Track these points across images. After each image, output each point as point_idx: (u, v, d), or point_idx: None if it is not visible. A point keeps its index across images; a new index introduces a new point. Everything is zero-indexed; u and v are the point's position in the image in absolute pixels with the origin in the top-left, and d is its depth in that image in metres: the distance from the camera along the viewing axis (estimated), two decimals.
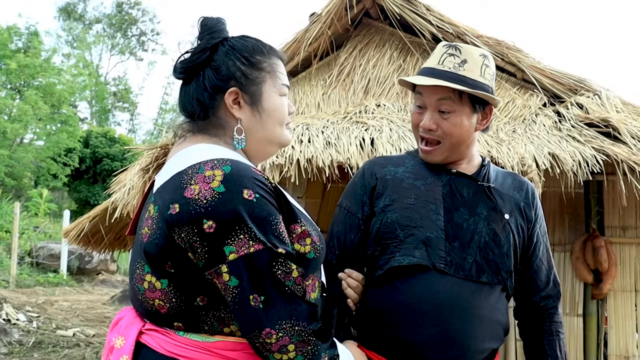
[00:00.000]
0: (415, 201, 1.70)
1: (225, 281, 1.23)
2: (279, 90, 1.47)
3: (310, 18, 5.03)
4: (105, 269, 13.57)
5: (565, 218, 4.63)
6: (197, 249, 1.23)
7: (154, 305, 1.30)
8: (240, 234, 1.22)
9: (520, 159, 3.80)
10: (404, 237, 1.66)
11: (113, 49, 31.79)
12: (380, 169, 1.81)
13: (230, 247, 1.22)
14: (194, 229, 1.22)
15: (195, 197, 1.23)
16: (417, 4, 4.87)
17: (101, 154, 18.47)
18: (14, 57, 17.01)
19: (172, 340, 1.28)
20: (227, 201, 1.22)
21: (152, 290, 1.29)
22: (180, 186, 1.26)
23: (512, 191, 1.80)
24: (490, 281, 1.66)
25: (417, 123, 1.76)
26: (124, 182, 4.77)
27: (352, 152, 3.78)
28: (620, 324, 4.47)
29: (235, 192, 1.24)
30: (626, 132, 4.01)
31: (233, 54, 1.42)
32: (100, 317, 9.10)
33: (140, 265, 1.31)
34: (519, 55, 4.78)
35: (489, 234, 1.69)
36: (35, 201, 15.69)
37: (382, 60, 5.04)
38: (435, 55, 1.75)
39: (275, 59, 1.48)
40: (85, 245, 6.95)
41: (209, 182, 1.24)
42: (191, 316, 1.28)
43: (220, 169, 1.26)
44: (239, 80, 1.40)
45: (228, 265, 1.22)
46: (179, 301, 1.28)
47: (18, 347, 6.83)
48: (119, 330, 1.36)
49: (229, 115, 1.42)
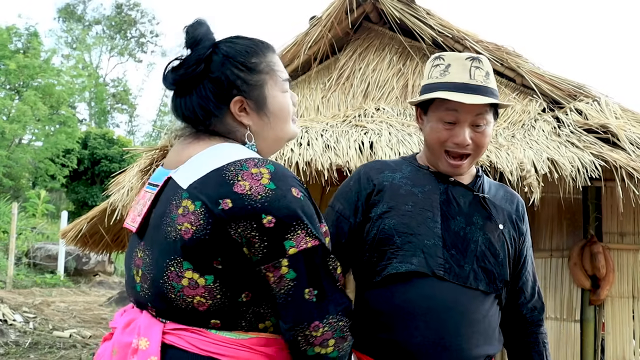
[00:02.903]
0: (412, 208, 1.70)
1: (283, 274, 1.26)
2: (280, 88, 1.46)
3: (310, 21, 5.03)
4: (103, 270, 13.55)
5: (564, 224, 4.63)
6: (256, 243, 1.25)
7: (192, 302, 1.28)
8: (298, 230, 1.26)
9: (519, 164, 3.80)
10: (402, 244, 1.66)
11: (112, 51, 31.83)
12: (377, 175, 1.79)
13: (290, 241, 1.26)
14: (253, 224, 1.24)
15: (247, 192, 1.24)
16: (417, 8, 4.89)
17: (99, 155, 18.45)
18: (13, 58, 17.01)
19: (207, 339, 1.28)
20: (281, 197, 1.26)
21: (194, 287, 1.27)
22: (227, 182, 1.26)
23: (505, 203, 1.82)
24: (487, 290, 1.67)
25: (446, 139, 1.71)
26: (122, 183, 4.77)
27: (351, 156, 3.79)
28: (618, 330, 4.47)
29: (285, 189, 1.27)
30: (625, 138, 4.01)
31: (229, 62, 1.40)
32: (97, 319, 9.08)
33: (176, 263, 1.28)
34: (518, 60, 4.79)
35: (485, 243, 1.70)
36: (33, 202, 15.68)
37: (382, 64, 5.04)
38: (462, 67, 1.71)
39: (270, 56, 1.46)
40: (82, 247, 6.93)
41: (258, 179, 1.26)
42: (232, 312, 1.29)
43: (265, 167, 1.28)
44: (240, 88, 1.40)
45: (289, 259, 1.26)
46: (224, 297, 1.28)
47: (14, 348, 6.81)
48: (136, 331, 1.32)
49: (237, 123, 1.42)
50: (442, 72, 1.73)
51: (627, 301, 4.51)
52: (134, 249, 1.42)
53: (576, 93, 4.69)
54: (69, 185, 18.75)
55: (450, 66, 1.72)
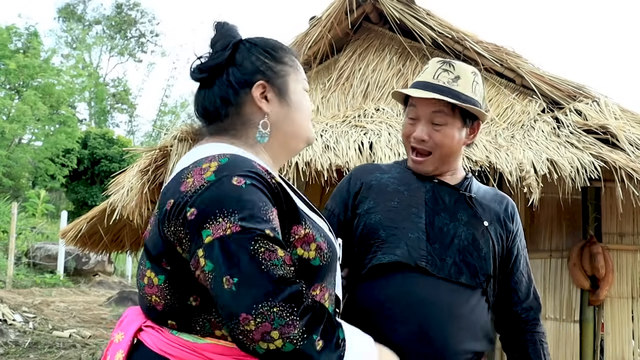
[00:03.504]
0: (398, 204, 1.77)
1: (202, 266, 1.15)
2: (302, 85, 1.47)
3: (310, 21, 5.03)
4: (102, 270, 13.56)
5: (563, 224, 4.63)
6: (183, 239, 1.20)
7: (151, 301, 1.29)
8: (219, 218, 1.16)
9: (518, 164, 3.80)
10: (386, 236, 1.72)
11: (112, 51, 31.82)
12: (367, 175, 1.88)
13: (208, 230, 1.16)
14: (179, 219, 1.20)
15: (187, 189, 1.21)
16: (417, 9, 4.89)
17: (99, 155, 18.46)
18: (13, 58, 17.01)
19: (164, 339, 1.27)
20: (213, 188, 1.19)
21: (151, 285, 1.28)
22: (179, 182, 1.25)
23: (493, 203, 1.86)
24: (469, 283, 1.70)
25: (409, 134, 1.83)
26: (122, 183, 4.77)
27: (351, 156, 3.79)
28: (617, 331, 4.47)
29: (224, 178, 1.20)
30: (624, 139, 4.02)
31: (255, 49, 1.41)
32: (96, 319, 9.09)
33: (143, 261, 1.32)
34: (518, 61, 4.79)
35: (468, 238, 1.74)
36: (32, 202, 15.69)
37: (382, 65, 5.05)
38: (430, 70, 1.83)
39: (294, 57, 1.48)
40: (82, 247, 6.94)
41: (202, 173, 1.22)
42: (184, 315, 1.26)
43: (217, 161, 1.24)
44: (265, 73, 1.39)
45: (204, 249, 1.15)
46: (173, 299, 1.26)
47: (14, 348, 6.82)
48: (120, 326, 1.37)
49: (256, 111, 1.39)
50: (421, 73, 1.87)
51: (627, 301, 4.51)
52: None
53: (576, 94, 4.69)
54: (69, 185, 18.76)
55: (427, 67, 1.85)
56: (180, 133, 4.05)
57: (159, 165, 4.26)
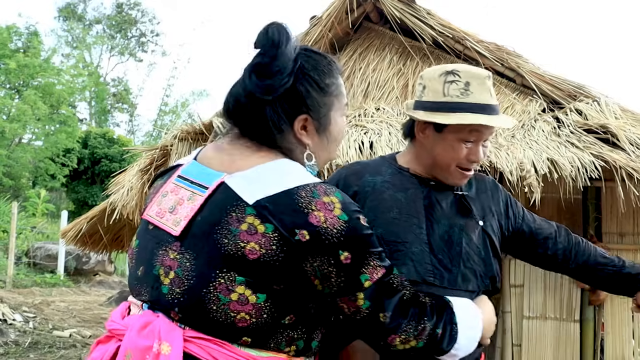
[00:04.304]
0: (398, 215, 1.72)
1: (360, 305, 1.31)
2: (342, 112, 1.47)
3: (310, 21, 5.03)
4: (103, 270, 13.56)
5: (563, 224, 4.60)
6: (332, 278, 1.27)
7: (234, 317, 1.23)
8: (370, 261, 1.30)
9: (518, 164, 3.80)
10: (390, 253, 1.63)
11: (113, 50, 31.83)
12: (357, 180, 1.79)
13: (365, 275, 1.29)
14: (330, 260, 1.25)
15: (323, 225, 1.23)
16: (417, 8, 4.88)
17: (100, 154, 18.47)
18: (14, 57, 17.03)
19: (227, 351, 1.23)
20: (353, 230, 1.26)
21: (242, 303, 1.23)
22: (301, 210, 1.22)
23: (481, 194, 1.86)
24: (476, 289, 1.71)
25: (464, 156, 1.73)
26: (123, 183, 4.77)
27: (351, 156, 3.79)
28: (617, 330, 4.47)
29: (355, 219, 1.27)
30: (625, 138, 4.01)
31: (307, 81, 1.37)
32: (97, 318, 9.09)
33: (229, 276, 1.22)
34: (518, 60, 4.78)
35: (468, 244, 1.73)
36: (33, 201, 15.69)
37: (382, 64, 5.04)
38: (483, 87, 1.71)
39: (339, 78, 1.45)
40: (82, 246, 6.94)
41: (330, 209, 1.25)
42: (269, 333, 1.27)
43: (334, 196, 1.28)
44: (310, 107, 1.37)
45: (364, 292, 1.30)
46: (270, 318, 1.25)
47: (14, 348, 6.82)
48: (155, 334, 1.24)
49: (297, 141, 1.38)
50: (463, 91, 1.69)
51: (627, 301, 4.48)
52: (161, 246, 1.31)
53: (576, 93, 4.69)
54: (69, 185, 18.77)
55: (470, 84, 1.69)
56: (180, 133, 4.05)
57: (159, 164, 4.27)
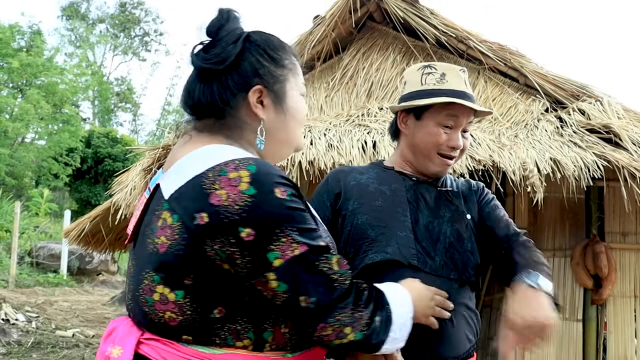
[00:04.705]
0: (382, 203, 1.78)
1: (274, 288, 1.17)
2: (299, 89, 1.40)
3: (314, 21, 5.04)
4: (106, 269, 13.57)
5: (566, 223, 4.63)
6: (237, 259, 1.16)
7: (163, 317, 1.21)
8: (282, 237, 1.15)
9: (521, 163, 3.80)
10: (376, 235, 1.72)
11: (116, 49, 31.86)
12: (344, 177, 1.88)
13: (275, 252, 1.15)
14: (230, 239, 1.14)
15: (224, 203, 1.14)
16: (421, 8, 4.89)
17: (103, 154, 18.49)
18: (17, 56, 17.04)
19: (176, 351, 1.20)
20: (260, 204, 1.14)
21: (164, 302, 1.20)
22: (203, 192, 1.16)
23: (466, 191, 1.91)
24: (458, 278, 1.73)
25: (442, 142, 1.81)
26: (126, 182, 4.78)
27: (354, 155, 3.80)
28: (620, 330, 4.47)
29: (267, 192, 1.16)
30: (627, 138, 4.02)
31: (256, 49, 1.33)
32: (100, 318, 9.10)
33: (150, 276, 1.22)
34: (521, 60, 4.79)
35: (453, 234, 1.76)
36: (36, 201, 15.69)
37: (385, 64, 5.05)
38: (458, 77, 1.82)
39: (294, 57, 1.40)
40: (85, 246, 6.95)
41: (236, 184, 1.15)
42: (204, 329, 1.20)
43: (245, 169, 1.16)
44: (263, 78, 1.32)
45: (275, 272, 1.16)
46: (195, 313, 1.19)
47: (17, 348, 6.83)
48: (114, 340, 1.26)
49: (251, 116, 1.32)
50: (439, 80, 1.82)
51: (629, 300, 4.51)
52: (129, 256, 1.37)
53: (579, 93, 4.69)
54: (72, 184, 18.79)
55: (446, 75, 1.83)
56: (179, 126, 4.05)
57: (162, 164, 4.26)
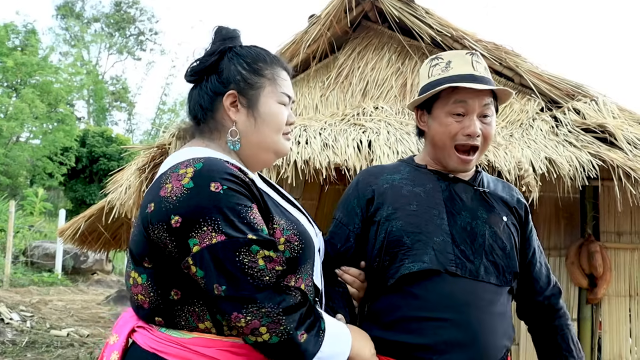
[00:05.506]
0: (417, 207, 1.71)
1: (194, 273, 1.27)
2: (278, 98, 1.51)
3: (309, 20, 5.03)
4: (101, 269, 13.54)
5: (561, 223, 4.63)
6: (168, 244, 1.29)
7: (138, 300, 1.38)
8: (203, 226, 1.26)
9: (517, 163, 3.80)
10: (411, 243, 1.66)
11: (111, 48, 31.76)
12: (375, 180, 1.80)
13: (194, 239, 1.26)
14: (163, 225, 1.28)
15: (167, 194, 1.29)
16: (416, 8, 4.89)
17: (98, 153, 18.44)
18: (11, 55, 17.00)
19: (153, 336, 1.34)
20: (194, 196, 1.27)
21: (135, 285, 1.37)
22: (158, 186, 1.33)
23: (505, 195, 1.85)
24: (498, 283, 1.69)
25: (456, 132, 1.73)
26: (121, 181, 4.77)
27: (350, 154, 3.79)
28: (614, 329, 4.48)
29: (202, 186, 1.28)
30: (622, 137, 4.02)
31: (236, 59, 1.49)
32: (94, 317, 9.07)
33: (129, 263, 1.41)
34: (517, 59, 4.79)
35: (492, 236, 1.71)
36: (30, 200, 15.65)
37: (381, 63, 5.04)
38: (464, 61, 1.75)
39: (278, 69, 1.54)
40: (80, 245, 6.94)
41: (180, 179, 1.30)
42: (168, 311, 1.34)
43: (193, 167, 1.31)
44: (238, 84, 1.47)
45: (192, 258, 1.26)
46: (157, 295, 1.34)
47: (11, 347, 6.81)
48: (115, 328, 1.44)
49: (227, 118, 1.48)
50: (444, 69, 1.75)
51: (624, 300, 4.52)
52: None
53: (574, 93, 4.70)
54: (67, 184, 18.74)
55: (451, 62, 1.76)
56: (178, 131, 4.04)
57: (157, 163, 4.26)
